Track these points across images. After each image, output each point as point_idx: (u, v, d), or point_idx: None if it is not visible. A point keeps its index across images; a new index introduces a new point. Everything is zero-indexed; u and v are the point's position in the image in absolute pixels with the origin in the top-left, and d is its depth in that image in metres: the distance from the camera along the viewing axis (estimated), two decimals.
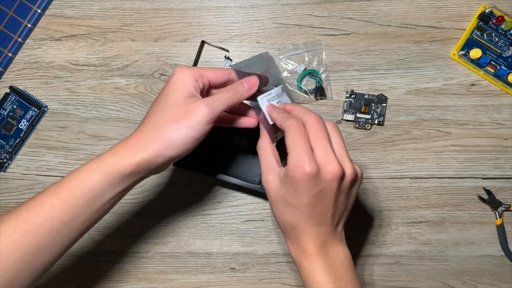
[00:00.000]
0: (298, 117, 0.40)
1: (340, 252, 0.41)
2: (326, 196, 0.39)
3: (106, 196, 0.39)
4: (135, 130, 0.41)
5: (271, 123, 0.42)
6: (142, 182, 0.55)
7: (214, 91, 0.45)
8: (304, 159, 0.37)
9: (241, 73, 0.45)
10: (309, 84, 0.55)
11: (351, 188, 0.41)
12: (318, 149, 0.39)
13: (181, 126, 0.39)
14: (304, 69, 0.55)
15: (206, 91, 0.44)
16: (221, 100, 0.41)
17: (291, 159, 0.38)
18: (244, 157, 0.54)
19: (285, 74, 0.55)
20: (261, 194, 0.52)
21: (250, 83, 0.44)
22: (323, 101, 0.55)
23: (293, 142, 0.38)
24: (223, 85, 0.44)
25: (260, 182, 0.52)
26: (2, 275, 0.35)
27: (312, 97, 0.55)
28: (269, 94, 0.43)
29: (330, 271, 0.39)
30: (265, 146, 0.42)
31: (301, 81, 0.55)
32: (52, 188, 0.38)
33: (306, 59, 0.55)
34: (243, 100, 0.43)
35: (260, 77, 0.45)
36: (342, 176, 0.39)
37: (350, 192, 0.41)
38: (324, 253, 0.40)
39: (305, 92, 0.55)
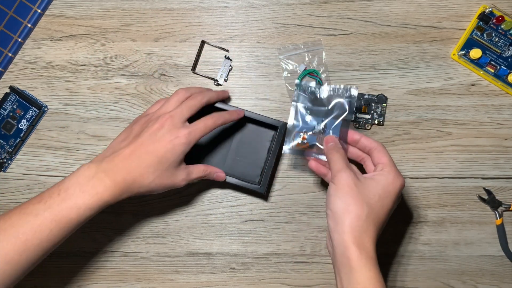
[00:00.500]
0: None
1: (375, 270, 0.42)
2: (394, 203, 0.44)
3: (57, 238, 0.41)
4: (109, 158, 0.44)
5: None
6: None
7: None
8: (400, 174, 0.45)
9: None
10: (309, 83, 0.55)
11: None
12: (388, 164, 0.45)
13: (160, 183, 0.45)
14: (304, 69, 0.55)
15: None
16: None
17: (391, 169, 0.44)
18: (244, 157, 0.54)
19: (285, 74, 0.55)
20: (261, 194, 0.53)
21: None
22: None
23: (390, 158, 0.45)
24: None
25: (259, 183, 0.52)
26: None
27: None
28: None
29: (379, 272, 0.41)
30: (342, 151, 0.46)
31: (301, 81, 0.55)
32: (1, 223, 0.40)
33: (306, 59, 0.55)
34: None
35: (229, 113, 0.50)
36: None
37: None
38: (375, 253, 0.42)
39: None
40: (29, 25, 0.55)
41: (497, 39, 0.54)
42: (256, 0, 0.55)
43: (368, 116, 0.55)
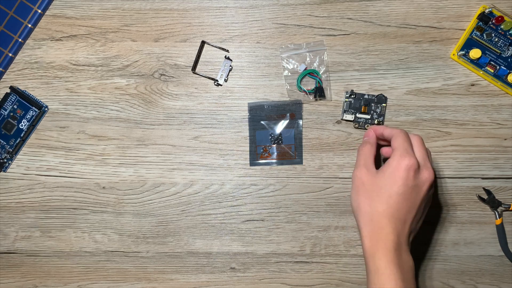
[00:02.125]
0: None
1: (410, 258, 0.43)
2: (417, 194, 0.43)
3: None
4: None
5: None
6: (142, 182, 0.56)
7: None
8: (410, 153, 0.43)
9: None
10: (309, 84, 0.56)
11: (430, 199, 0.46)
12: (419, 156, 0.44)
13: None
14: (305, 69, 0.55)
15: None
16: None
17: (396, 152, 0.43)
18: None
19: (285, 73, 0.55)
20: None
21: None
22: (323, 101, 0.55)
23: (400, 142, 0.44)
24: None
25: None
26: None
27: (311, 97, 0.55)
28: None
29: (402, 270, 0.41)
30: (369, 147, 0.47)
31: (301, 81, 0.55)
32: None
33: (308, 59, 0.55)
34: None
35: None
36: (433, 184, 0.44)
37: (426, 209, 0.46)
38: (398, 252, 0.41)
39: (304, 92, 0.55)
40: (30, 25, 0.55)
41: (496, 39, 0.54)
42: (256, 0, 0.56)
43: (368, 116, 0.55)
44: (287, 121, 0.55)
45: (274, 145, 0.56)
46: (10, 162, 0.56)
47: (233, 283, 0.56)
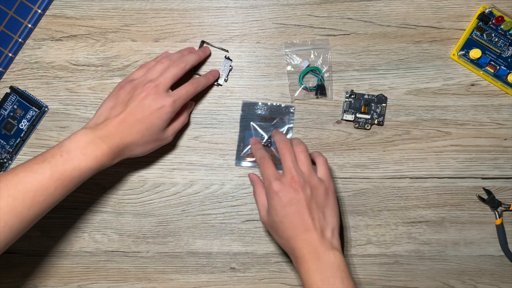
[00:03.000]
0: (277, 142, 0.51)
1: (331, 255, 0.44)
2: (297, 204, 0.46)
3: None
4: (102, 125, 0.47)
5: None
6: (142, 182, 0.55)
7: None
8: (270, 180, 0.47)
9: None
10: (311, 81, 0.56)
11: (325, 198, 0.47)
12: (283, 167, 0.48)
13: (149, 147, 0.50)
14: (308, 66, 0.55)
15: None
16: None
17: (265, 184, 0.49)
18: None
19: (288, 68, 0.55)
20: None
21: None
22: (323, 101, 0.55)
23: (263, 171, 0.49)
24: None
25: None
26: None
27: (313, 94, 0.55)
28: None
29: (320, 271, 0.44)
30: (260, 193, 0.50)
31: (303, 77, 0.55)
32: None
33: (312, 56, 0.55)
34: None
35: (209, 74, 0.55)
36: (303, 186, 0.46)
37: (325, 202, 0.47)
38: (315, 257, 0.44)
39: (305, 89, 0.55)
40: (30, 25, 0.55)
41: (496, 39, 0.54)
42: (256, 0, 0.56)
43: (368, 116, 0.55)
44: (277, 124, 0.56)
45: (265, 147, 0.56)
46: (10, 162, 0.56)
47: (233, 283, 0.56)
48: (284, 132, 0.55)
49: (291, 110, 0.56)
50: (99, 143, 0.45)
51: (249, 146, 0.55)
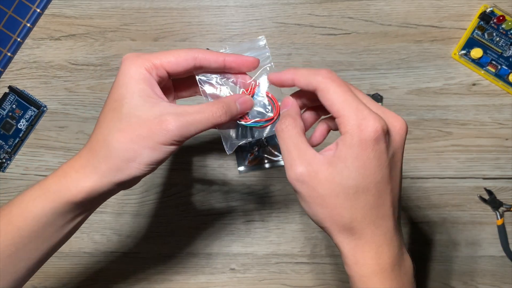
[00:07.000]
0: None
1: (408, 261, 0.31)
2: (396, 163, 0.30)
3: (57, 224, 0.34)
4: (86, 143, 0.33)
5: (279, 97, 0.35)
6: (142, 182, 0.55)
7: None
8: (369, 114, 0.28)
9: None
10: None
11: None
12: (370, 105, 0.30)
13: (140, 147, 0.31)
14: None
15: (165, 82, 0.35)
16: (197, 123, 0.32)
17: (348, 120, 0.28)
18: None
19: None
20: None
21: (244, 105, 0.35)
22: None
23: (342, 98, 0.28)
24: (187, 72, 0.35)
25: None
26: None
27: None
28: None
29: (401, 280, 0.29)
30: (293, 123, 0.31)
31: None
32: None
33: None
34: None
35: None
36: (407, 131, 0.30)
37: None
38: (397, 266, 0.30)
39: None
40: (28, 25, 0.55)
41: (498, 39, 0.54)
42: None
43: None
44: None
45: (259, 149, 0.55)
46: (9, 162, 0.56)
47: (233, 284, 0.56)
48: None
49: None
50: None
51: (246, 153, 0.53)
